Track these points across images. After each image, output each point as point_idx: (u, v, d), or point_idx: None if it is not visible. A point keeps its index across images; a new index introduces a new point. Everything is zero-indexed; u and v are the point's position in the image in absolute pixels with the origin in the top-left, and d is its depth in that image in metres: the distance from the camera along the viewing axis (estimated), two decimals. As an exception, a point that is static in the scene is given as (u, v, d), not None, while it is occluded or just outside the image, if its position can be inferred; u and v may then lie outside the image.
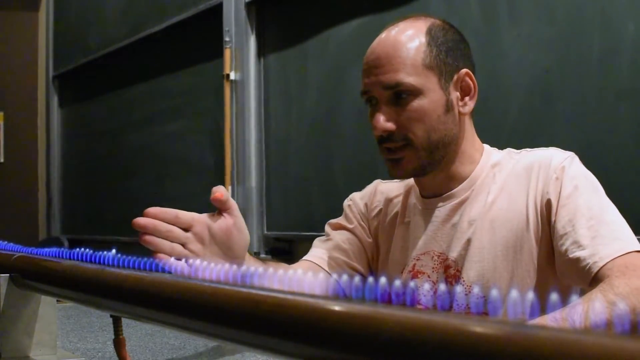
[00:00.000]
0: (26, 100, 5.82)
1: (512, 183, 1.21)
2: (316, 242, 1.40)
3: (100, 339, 1.55)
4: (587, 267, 1.07)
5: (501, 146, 1.30)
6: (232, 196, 3.57)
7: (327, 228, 1.41)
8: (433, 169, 1.24)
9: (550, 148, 1.22)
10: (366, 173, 2.95)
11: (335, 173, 3.13)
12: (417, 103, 1.18)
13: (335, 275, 1.32)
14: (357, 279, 0.56)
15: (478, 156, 1.26)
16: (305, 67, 3.36)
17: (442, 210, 1.26)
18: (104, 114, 5.09)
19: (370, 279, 0.55)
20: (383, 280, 0.54)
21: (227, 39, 3.69)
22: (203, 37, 3.99)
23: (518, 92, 2.35)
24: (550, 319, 0.89)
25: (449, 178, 1.26)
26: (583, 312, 0.92)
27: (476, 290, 0.54)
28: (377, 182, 1.41)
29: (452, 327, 0.44)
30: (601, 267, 1.06)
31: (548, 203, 1.16)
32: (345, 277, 0.60)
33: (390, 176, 1.27)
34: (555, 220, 1.14)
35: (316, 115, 3.28)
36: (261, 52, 3.63)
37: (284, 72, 3.50)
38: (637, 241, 1.10)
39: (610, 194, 1.17)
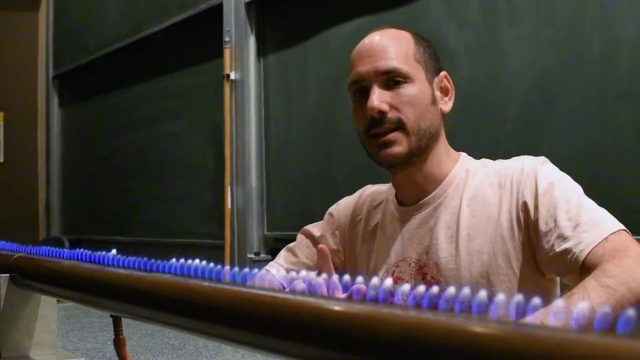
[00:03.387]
0: (26, 100, 5.82)
1: (485, 189, 1.23)
2: (283, 252, 1.43)
3: (100, 339, 1.55)
4: (574, 257, 1.09)
5: (500, 146, 1.30)
6: (232, 196, 3.57)
7: (299, 236, 1.43)
8: (417, 159, 1.25)
9: (522, 156, 1.24)
10: (366, 173, 2.94)
11: (335, 173, 3.13)
12: (410, 89, 1.24)
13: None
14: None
15: (452, 162, 1.29)
16: (305, 67, 3.36)
17: (417, 217, 1.28)
18: (104, 114, 5.09)
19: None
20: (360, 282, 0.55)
21: (227, 39, 3.69)
22: (203, 37, 3.99)
23: (518, 92, 2.35)
24: (550, 313, 0.90)
25: (425, 178, 1.27)
26: (580, 300, 0.94)
27: (452, 291, 0.53)
28: (365, 188, 1.43)
29: (452, 327, 0.44)
30: (588, 254, 1.08)
31: (524, 205, 1.18)
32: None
33: (379, 163, 1.28)
34: (537, 219, 1.16)
35: (316, 115, 3.27)
36: (261, 52, 3.63)
37: (284, 72, 3.50)
38: (618, 222, 1.11)
39: (610, 193, 1.17)
